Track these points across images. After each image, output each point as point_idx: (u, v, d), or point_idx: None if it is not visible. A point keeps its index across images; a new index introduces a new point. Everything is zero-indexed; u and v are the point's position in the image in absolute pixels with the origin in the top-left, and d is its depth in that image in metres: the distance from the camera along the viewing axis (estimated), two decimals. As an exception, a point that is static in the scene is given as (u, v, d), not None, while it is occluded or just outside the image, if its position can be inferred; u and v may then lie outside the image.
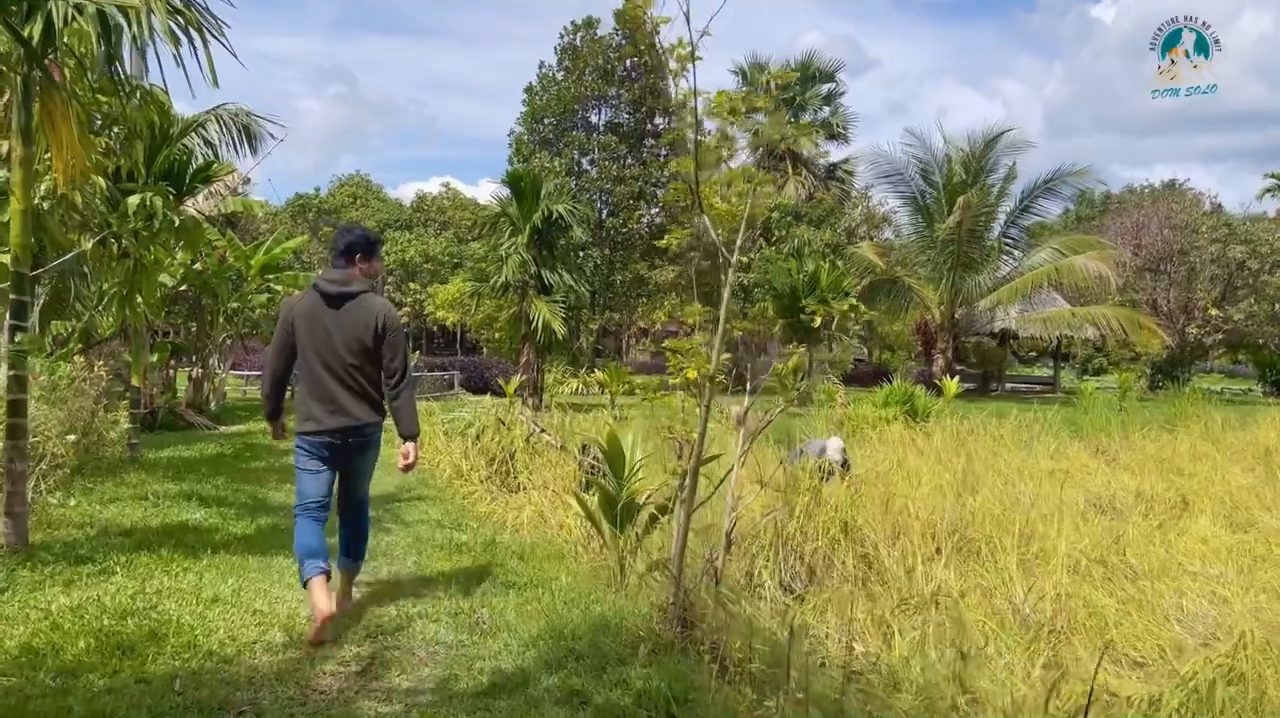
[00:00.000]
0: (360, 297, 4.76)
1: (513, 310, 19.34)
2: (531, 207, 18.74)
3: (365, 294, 4.79)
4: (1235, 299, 29.47)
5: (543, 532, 8.12)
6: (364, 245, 4.89)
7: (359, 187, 66.66)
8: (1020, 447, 14.81)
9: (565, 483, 10.83)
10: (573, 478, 10.86)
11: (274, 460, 11.61)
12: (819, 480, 9.53)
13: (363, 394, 4.76)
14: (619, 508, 5.58)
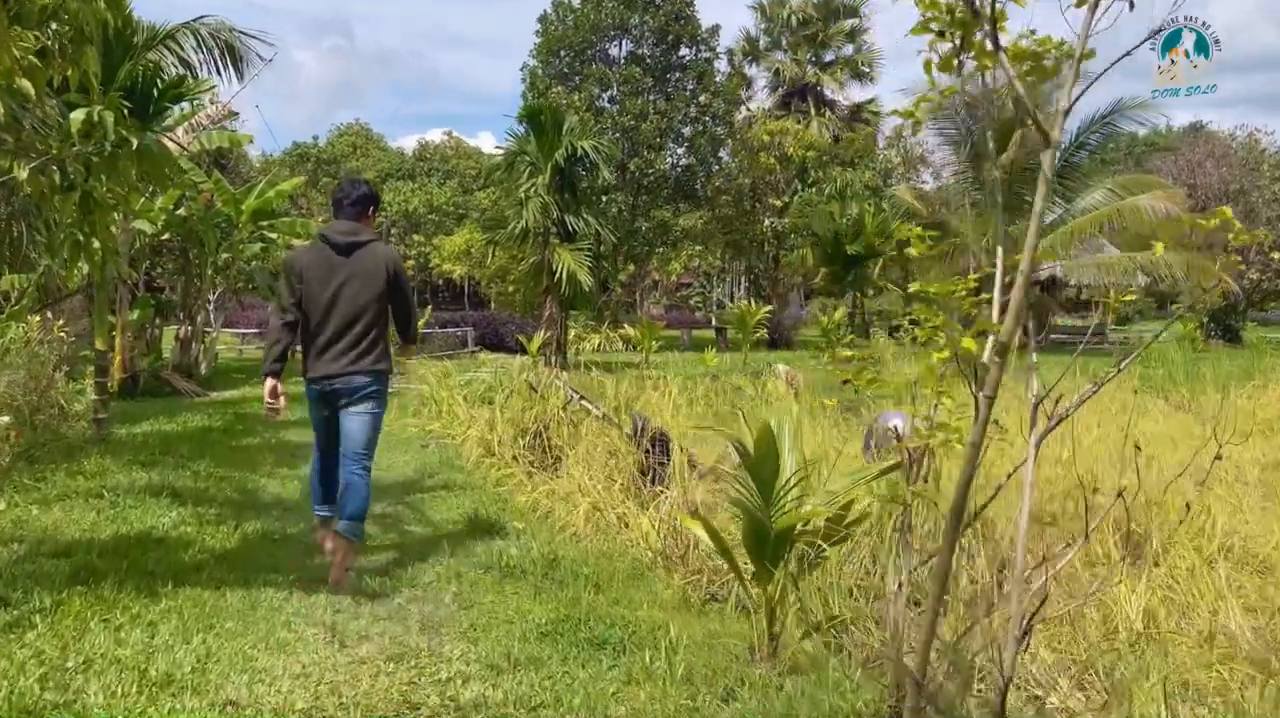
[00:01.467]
0: (369, 245, 4.89)
1: (533, 260, 17.51)
2: (553, 143, 16.82)
3: (373, 243, 4.94)
4: (1295, 242, 27.58)
5: (607, 535, 6.41)
6: (374, 199, 5.07)
7: (359, 136, 64.36)
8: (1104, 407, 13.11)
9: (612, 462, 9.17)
10: (621, 455, 9.19)
11: (270, 435, 9.90)
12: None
13: (367, 342, 4.83)
14: (770, 540, 3.77)
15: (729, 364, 18.47)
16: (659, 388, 14.06)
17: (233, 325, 26.72)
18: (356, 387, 4.84)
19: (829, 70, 41.21)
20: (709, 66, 22.30)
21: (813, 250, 21.49)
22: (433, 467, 8.53)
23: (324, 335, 4.79)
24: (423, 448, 9.49)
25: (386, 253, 4.97)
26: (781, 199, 24.14)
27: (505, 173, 17.94)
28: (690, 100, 21.73)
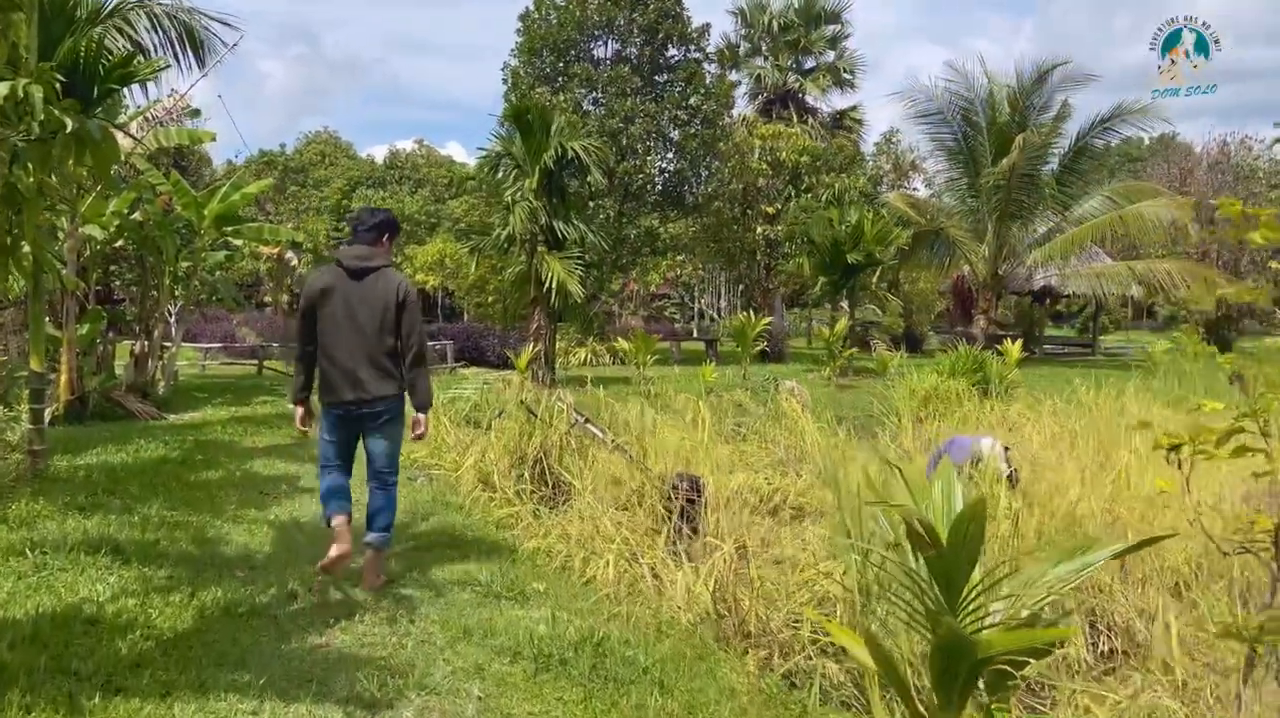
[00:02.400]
0: (381, 270, 4.91)
1: (519, 269, 16.37)
2: (541, 145, 15.72)
3: (386, 268, 4.95)
4: (1292, 251, 27.08)
5: (644, 596, 5.35)
6: (393, 226, 5.10)
7: (327, 144, 62.91)
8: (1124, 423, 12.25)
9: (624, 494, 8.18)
10: (636, 490, 8.19)
11: (235, 468, 8.71)
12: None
13: (380, 367, 4.86)
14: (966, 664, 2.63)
15: (729, 379, 17.44)
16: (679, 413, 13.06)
17: (195, 340, 25.31)
18: (380, 410, 4.94)
19: (811, 77, 40.50)
20: (699, 67, 21.29)
21: (809, 259, 20.52)
22: (424, 506, 7.39)
23: (342, 360, 4.86)
24: (410, 482, 8.35)
25: (398, 278, 4.98)
26: (774, 206, 23.17)
27: (489, 175, 16.80)
28: (680, 102, 20.69)
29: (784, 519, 8.76)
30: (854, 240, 19.17)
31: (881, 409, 14.83)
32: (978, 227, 24.36)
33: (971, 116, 24.06)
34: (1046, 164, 22.92)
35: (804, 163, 22.88)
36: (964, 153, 24.25)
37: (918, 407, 13.91)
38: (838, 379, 18.17)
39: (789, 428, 11.95)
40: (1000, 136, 23.35)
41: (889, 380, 18.40)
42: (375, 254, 4.96)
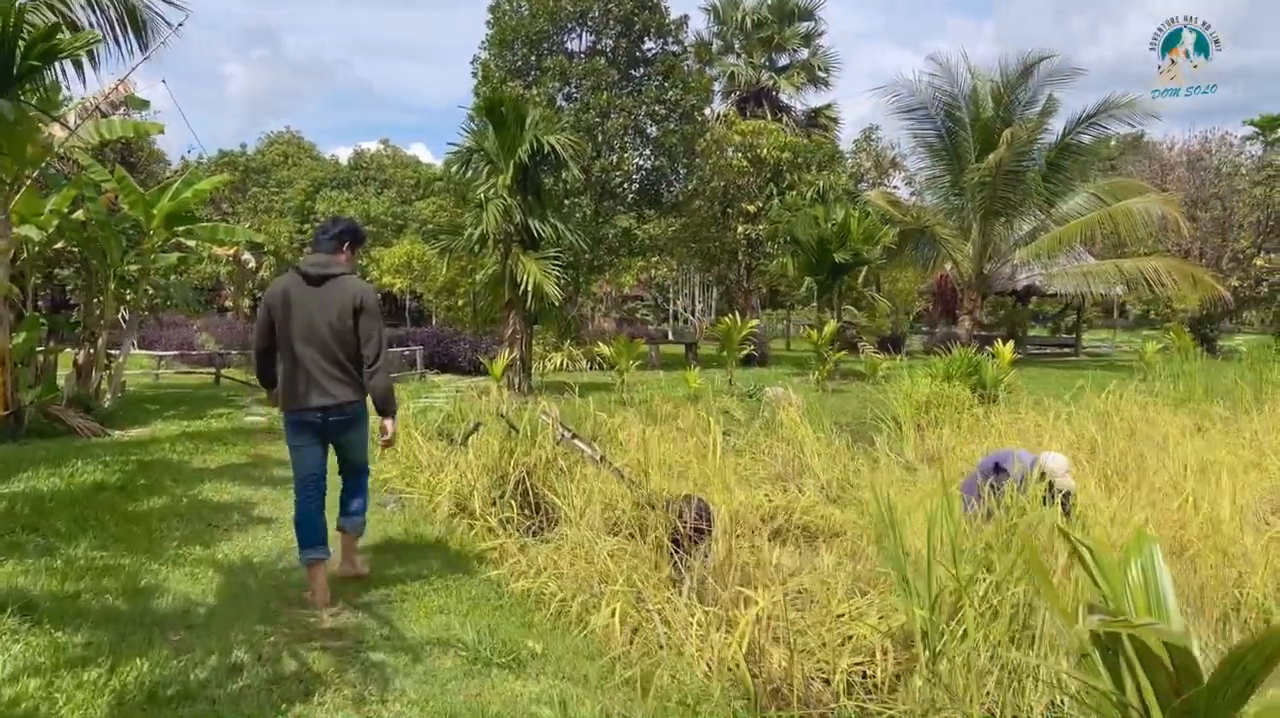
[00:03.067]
0: (340, 278, 4.91)
1: (493, 270, 15.50)
2: (515, 139, 14.86)
3: (344, 275, 4.95)
4: (1275, 246, 26.77)
5: (656, 651, 4.54)
6: (354, 234, 5.15)
7: (290, 144, 61.45)
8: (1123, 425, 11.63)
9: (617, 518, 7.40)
10: (630, 516, 7.40)
11: (182, 493, 7.78)
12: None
13: (342, 372, 4.89)
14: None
15: (716, 384, 16.66)
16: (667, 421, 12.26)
17: (151, 346, 24.17)
18: (345, 417, 4.98)
19: (785, 74, 39.94)
20: (677, 60, 20.50)
21: (793, 259, 19.79)
22: (396, 539, 6.53)
23: (302, 366, 4.86)
24: (380, 508, 7.48)
25: (357, 284, 4.96)
26: (754, 204, 22.42)
27: (459, 172, 15.91)
28: (658, 96, 19.89)
29: (792, 541, 8.01)
30: (840, 239, 18.47)
31: (876, 415, 14.16)
32: (962, 225, 23.79)
33: (955, 112, 23.48)
34: (1032, 160, 22.37)
35: (785, 159, 22.16)
36: (948, 149, 23.67)
37: (917, 413, 13.21)
38: (826, 384, 17.45)
39: (786, 438, 11.18)
40: (985, 132, 22.79)
41: (879, 385, 17.75)
42: (334, 262, 4.98)
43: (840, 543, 7.91)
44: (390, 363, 5.26)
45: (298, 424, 4.98)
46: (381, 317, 5.06)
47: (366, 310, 4.88)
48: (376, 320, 4.92)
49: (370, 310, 4.90)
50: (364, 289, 4.96)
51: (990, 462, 7.00)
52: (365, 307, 4.87)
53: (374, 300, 4.95)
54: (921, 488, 9.45)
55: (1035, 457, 6.76)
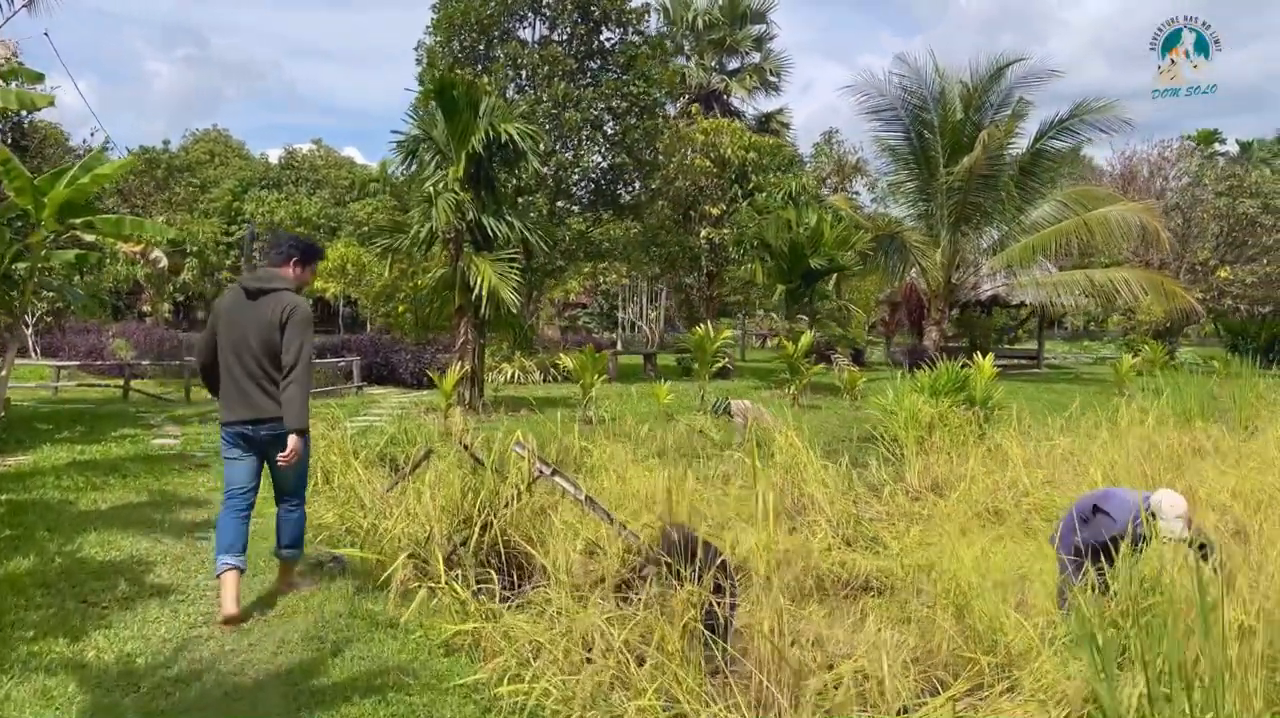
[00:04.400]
0: (277, 292, 4.91)
1: (441, 273, 13.92)
2: (468, 126, 13.30)
3: (282, 290, 4.94)
4: (1236, 258, 26.37)
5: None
6: (302, 251, 5.20)
7: (217, 143, 58.71)
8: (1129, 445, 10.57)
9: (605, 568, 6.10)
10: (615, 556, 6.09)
11: (58, 548, 6.09)
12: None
13: (271, 385, 4.86)
14: None
15: (687, 399, 15.27)
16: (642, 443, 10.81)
17: (56, 354, 22.00)
18: (278, 430, 4.86)
19: (736, 77, 38.96)
20: (638, 51, 19.10)
21: (762, 265, 18.52)
22: (338, 625, 4.95)
23: (236, 379, 4.88)
24: (314, 569, 5.91)
25: (289, 297, 4.93)
26: (718, 207, 21.10)
27: (405, 162, 14.28)
28: (619, 89, 18.45)
29: (814, 597, 6.65)
30: (813, 244, 17.25)
31: (869, 435, 12.93)
32: (930, 232, 22.81)
33: (924, 115, 22.52)
34: (1005, 165, 21.47)
35: (750, 160, 20.89)
36: (916, 153, 22.69)
37: (921, 435, 11.95)
38: (800, 399, 16.19)
39: (784, 465, 9.81)
40: (954, 136, 21.87)
41: (860, 401, 16.53)
42: (277, 276, 5.01)
43: (881, 603, 6.59)
44: (309, 377, 4.97)
45: (230, 437, 5.02)
46: (311, 330, 4.93)
47: (293, 321, 4.83)
48: (302, 332, 4.84)
49: (297, 321, 4.84)
50: (296, 301, 4.91)
51: (1088, 503, 5.69)
52: (292, 318, 4.83)
53: (304, 313, 4.90)
54: (975, 531, 8.17)
55: (1142, 495, 5.46)
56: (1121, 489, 5.91)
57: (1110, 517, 5.35)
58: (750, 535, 6.98)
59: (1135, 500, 5.31)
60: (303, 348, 4.84)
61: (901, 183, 23.57)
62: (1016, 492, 9.48)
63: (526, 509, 6.95)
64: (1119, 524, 5.21)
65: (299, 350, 4.82)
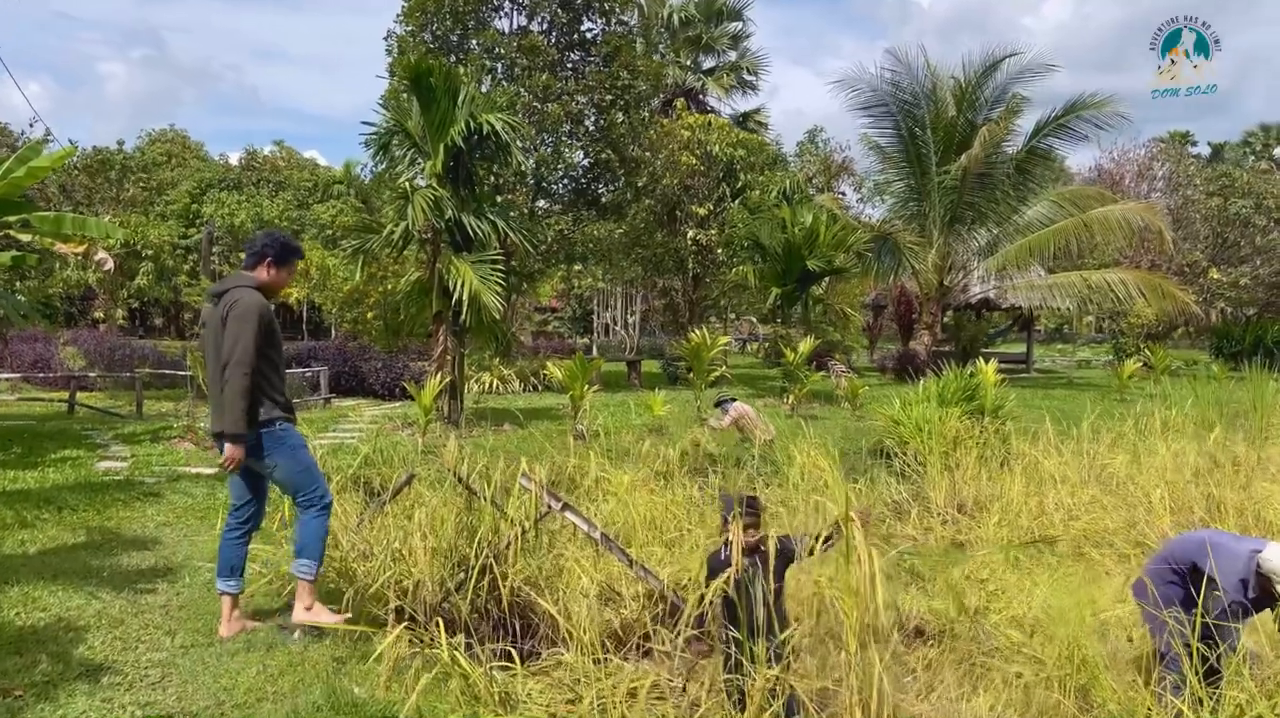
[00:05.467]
0: (232, 290, 4.66)
1: (417, 276, 12.86)
2: (446, 116, 12.27)
3: (237, 288, 4.67)
4: (1228, 259, 25.93)
5: None
6: (277, 247, 4.84)
7: (174, 143, 56.97)
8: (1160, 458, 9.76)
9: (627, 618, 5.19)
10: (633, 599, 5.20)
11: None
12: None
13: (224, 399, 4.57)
14: None
15: (680, 410, 14.29)
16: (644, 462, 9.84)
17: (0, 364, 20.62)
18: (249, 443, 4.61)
19: (713, 76, 38.19)
20: (623, 41, 18.12)
21: (754, 267, 17.61)
22: (311, 713, 3.91)
23: (210, 387, 4.75)
24: (282, 641, 4.84)
25: (238, 293, 4.62)
26: (705, 206, 20.16)
27: (377, 157, 13.20)
28: (604, 81, 17.45)
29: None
30: (809, 245, 16.36)
31: (870, 446, 12.06)
32: (923, 233, 22.04)
33: (915, 111, 21.75)
34: (1002, 163, 20.75)
35: (739, 157, 19.99)
36: (908, 151, 21.91)
37: (946, 450, 11.03)
38: (798, 408, 15.29)
39: (810, 486, 8.85)
40: (948, 134, 21.14)
41: (863, 409, 15.64)
42: (242, 277, 4.75)
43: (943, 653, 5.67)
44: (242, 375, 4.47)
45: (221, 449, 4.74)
46: (251, 323, 4.50)
47: (232, 315, 4.52)
48: (240, 322, 4.49)
49: (235, 315, 4.51)
50: (240, 295, 4.60)
51: (1184, 554, 4.67)
52: (232, 311, 4.52)
53: (245, 305, 4.53)
54: (1028, 563, 7.26)
55: (1250, 547, 4.50)
56: (1224, 537, 4.91)
57: (1213, 580, 4.39)
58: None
59: (1243, 555, 4.37)
60: (237, 342, 4.45)
61: (891, 182, 22.78)
62: (1063, 514, 8.61)
63: (531, 550, 6.01)
64: (1228, 590, 4.26)
65: (232, 345, 4.45)
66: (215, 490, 8.55)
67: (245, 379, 4.46)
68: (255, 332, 4.48)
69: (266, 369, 4.61)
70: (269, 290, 4.80)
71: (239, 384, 4.45)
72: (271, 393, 4.65)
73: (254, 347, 4.48)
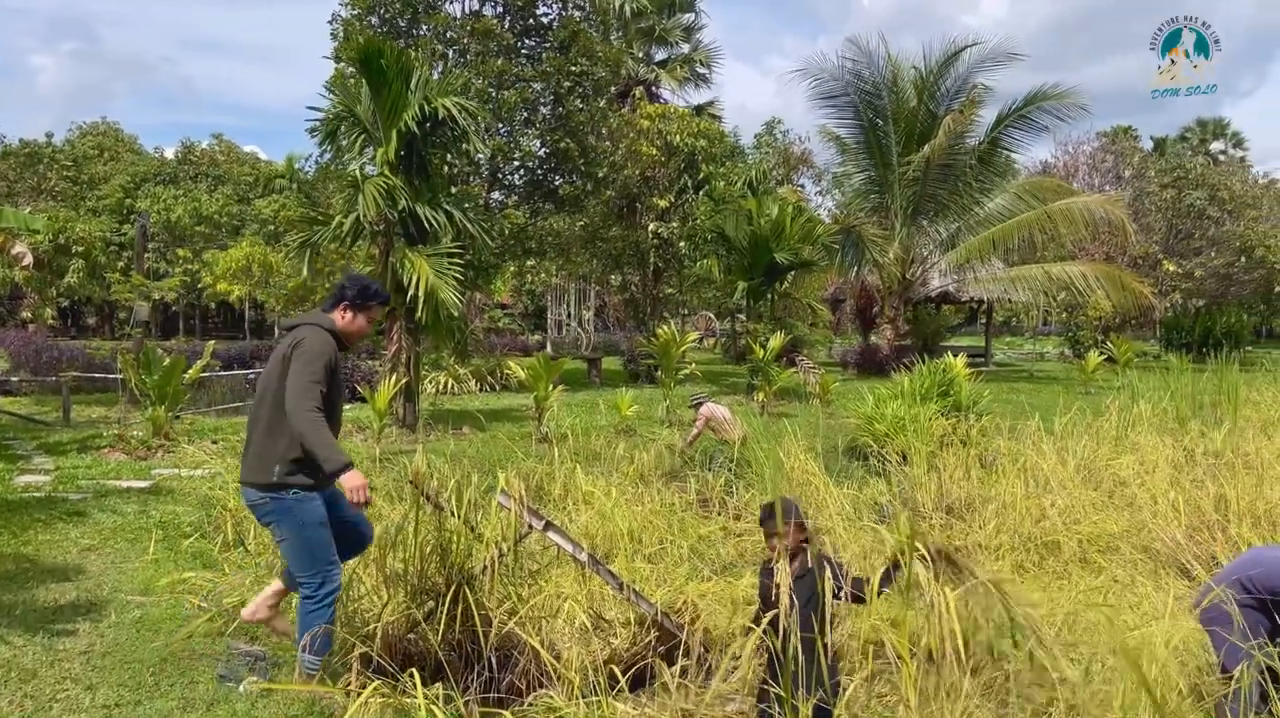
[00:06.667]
0: (301, 328, 4.24)
1: (370, 271, 12.08)
2: (399, 100, 11.49)
3: (301, 327, 4.27)
4: (1182, 251, 26.02)
5: None
6: (351, 291, 4.36)
7: (106, 136, 54.91)
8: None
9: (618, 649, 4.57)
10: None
11: None
12: None
13: (255, 444, 4.11)
14: None
15: (648, 409, 13.67)
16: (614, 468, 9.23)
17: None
18: (252, 502, 4.15)
19: (666, 68, 37.63)
20: (580, 26, 17.43)
21: (719, 260, 17.05)
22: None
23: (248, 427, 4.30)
24: (220, 679, 4.14)
25: (303, 331, 4.17)
26: (666, 198, 19.55)
27: (325, 144, 12.39)
28: (562, 67, 16.73)
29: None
30: (776, 237, 15.85)
31: (845, 445, 11.55)
32: (884, 226, 21.68)
33: (876, 102, 21.38)
34: (965, 154, 20.46)
35: (700, 148, 19.41)
36: (869, 143, 21.53)
37: (931, 449, 10.55)
38: (776, 406, 14.78)
39: (799, 493, 8.29)
40: (909, 124, 20.78)
41: (836, 407, 15.16)
42: (317, 317, 4.33)
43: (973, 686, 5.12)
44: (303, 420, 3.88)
45: None
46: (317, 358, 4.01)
47: (296, 353, 4.04)
48: (301, 360, 4.00)
49: (302, 352, 4.03)
50: (309, 334, 4.14)
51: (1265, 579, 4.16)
52: (296, 349, 4.05)
53: (313, 345, 4.06)
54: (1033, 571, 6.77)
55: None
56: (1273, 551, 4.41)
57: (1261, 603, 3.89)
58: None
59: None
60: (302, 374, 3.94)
61: (851, 174, 22.41)
62: (1066, 518, 8.15)
63: (513, 574, 5.40)
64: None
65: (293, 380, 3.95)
66: (147, 507, 7.74)
67: (314, 414, 3.90)
68: (322, 371, 4.00)
69: None
70: (344, 337, 4.33)
71: (309, 421, 3.87)
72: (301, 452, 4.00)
73: (318, 385, 3.97)
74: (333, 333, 4.26)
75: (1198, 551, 7.16)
